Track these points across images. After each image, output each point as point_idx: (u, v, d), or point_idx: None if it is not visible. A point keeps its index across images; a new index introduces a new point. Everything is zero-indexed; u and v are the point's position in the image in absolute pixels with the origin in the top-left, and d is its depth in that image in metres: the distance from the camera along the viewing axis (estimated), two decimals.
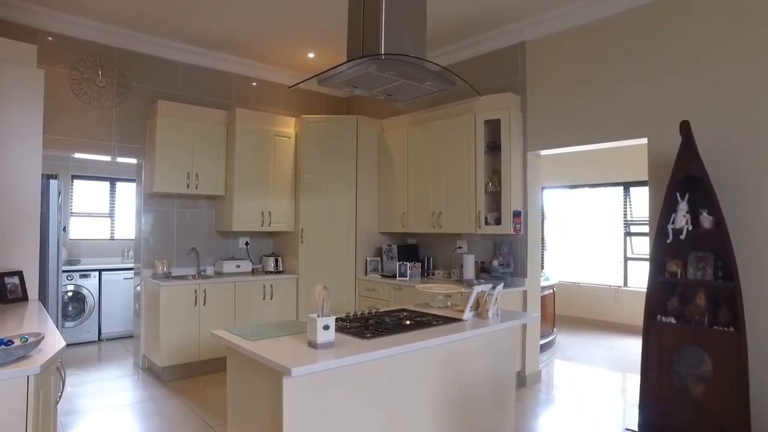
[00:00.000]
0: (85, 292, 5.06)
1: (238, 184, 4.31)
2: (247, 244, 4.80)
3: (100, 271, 5.17)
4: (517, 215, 3.81)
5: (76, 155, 4.04)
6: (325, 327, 1.72)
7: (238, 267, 4.48)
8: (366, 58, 2.05)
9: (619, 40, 3.39)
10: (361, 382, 1.80)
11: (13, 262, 2.77)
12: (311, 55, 4.62)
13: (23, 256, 2.80)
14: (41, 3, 3.57)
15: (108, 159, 4.26)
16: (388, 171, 4.63)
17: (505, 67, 4.04)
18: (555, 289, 5.44)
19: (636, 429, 2.91)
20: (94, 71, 3.98)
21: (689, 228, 2.76)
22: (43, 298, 3.35)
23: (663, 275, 2.91)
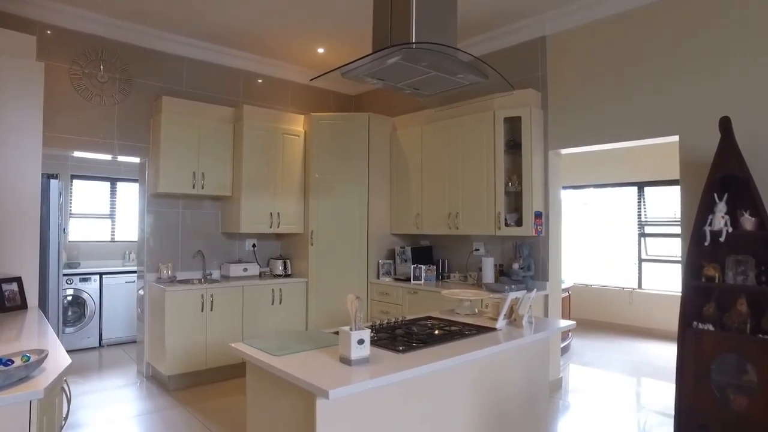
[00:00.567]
0: (85, 296, 4.88)
1: (246, 184, 4.14)
2: (254, 246, 4.63)
3: (100, 274, 4.99)
4: (538, 216, 3.66)
5: (76, 154, 3.86)
6: (360, 341, 1.56)
7: (245, 270, 4.31)
8: (396, 47, 1.89)
9: (646, 34, 3.24)
10: (396, 399, 1.64)
11: (12, 268, 2.59)
12: (321, 50, 4.46)
13: (22, 260, 2.62)
14: None
15: (110, 158, 4.09)
16: (401, 170, 4.47)
17: (525, 62, 3.89)
18: (570, 292, 5.29)
19: None
20: (96, 66, 3.81)
21: (729, 230, 2.61)
22: (43, 305, 3.18)
23: (698, 279, 2.76)
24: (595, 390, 3.79)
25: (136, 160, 4.12)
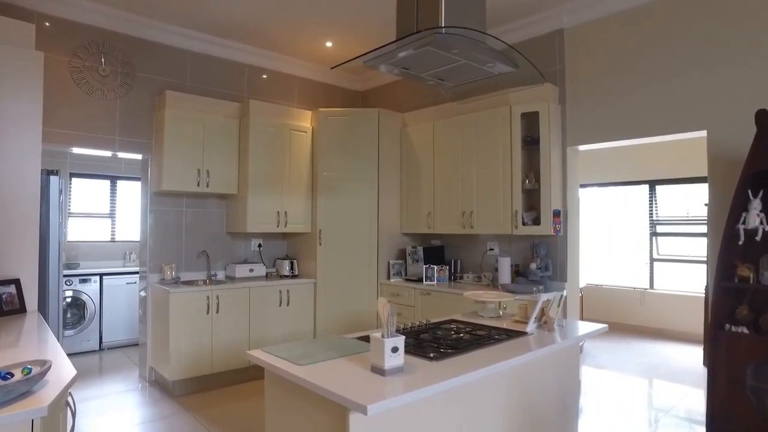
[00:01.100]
0: (84, 297, 4.73)
1: (252, 182, 4.00)
2: (259, 246, 4.49)
3: (101, 275, 4.83)
4: (556, 215, 3.53)
5: (75, 150, 3.71)
6: (394, 349, 1.43)
7: (251, 271, 4.17)
8: (429, 31, 1.75)
9: (671, 25, 3.12)
10: (429, 409, 1.51)
11: (10, 269, 2.45)
12: (329, 44, 4.32)
13: (21, 262, 2.48)
14: None
15: (111, 154, 3.94)
16: (412, 168, 4.34)
17: (542, 55, 3.76)
18: (582, 292, 5.18)
19: None
20: (97, 59, 3.66)
21: (765, 228, 2.49)
22: (43, 309, 3.03)
23: (731, 280, 2.63)
24: (614, 394, 3.67)
25: (138, 156, 3.98)
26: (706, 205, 4.37)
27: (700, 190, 5.58)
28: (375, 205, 4.21)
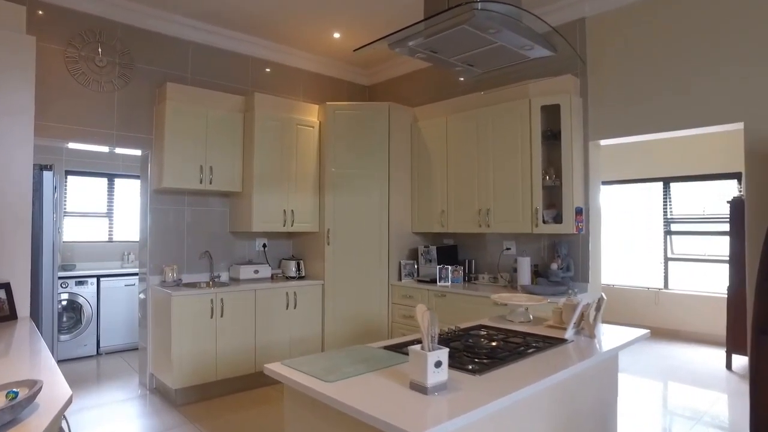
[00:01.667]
0: (81, 300, 4.52)
1: (257, 179, 3.81)
2: (264, 246, 4.30)
3: (98, 277, 4.63)
4: (579, 212, 3.36)
5: (70, 145, 3.51)
6: (437, 363, 1.25)
7: (256, 272, 3.98)
8: (460, 8, 1.57)
9: (703, 11, 2.95)
10: (471, 426, 1.33)
11: None
12: (337, 35, 4.13)
13: (11, 264, 2.28)
14: None
15: (109, 150, 3.74)
16: (424, 164, 4.15)
17: (563, 46, 3.58)
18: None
19: None
20: (94, 49, 3.46)
21: None
22: (36, 313, 2.83)
23: None
24: (640, 400, 3.50)
25: (137, 152, 3.78)
26: (733, 198, 4.21)
27: (717, 188, 5.42)
28: (385, 203, 4.03)
